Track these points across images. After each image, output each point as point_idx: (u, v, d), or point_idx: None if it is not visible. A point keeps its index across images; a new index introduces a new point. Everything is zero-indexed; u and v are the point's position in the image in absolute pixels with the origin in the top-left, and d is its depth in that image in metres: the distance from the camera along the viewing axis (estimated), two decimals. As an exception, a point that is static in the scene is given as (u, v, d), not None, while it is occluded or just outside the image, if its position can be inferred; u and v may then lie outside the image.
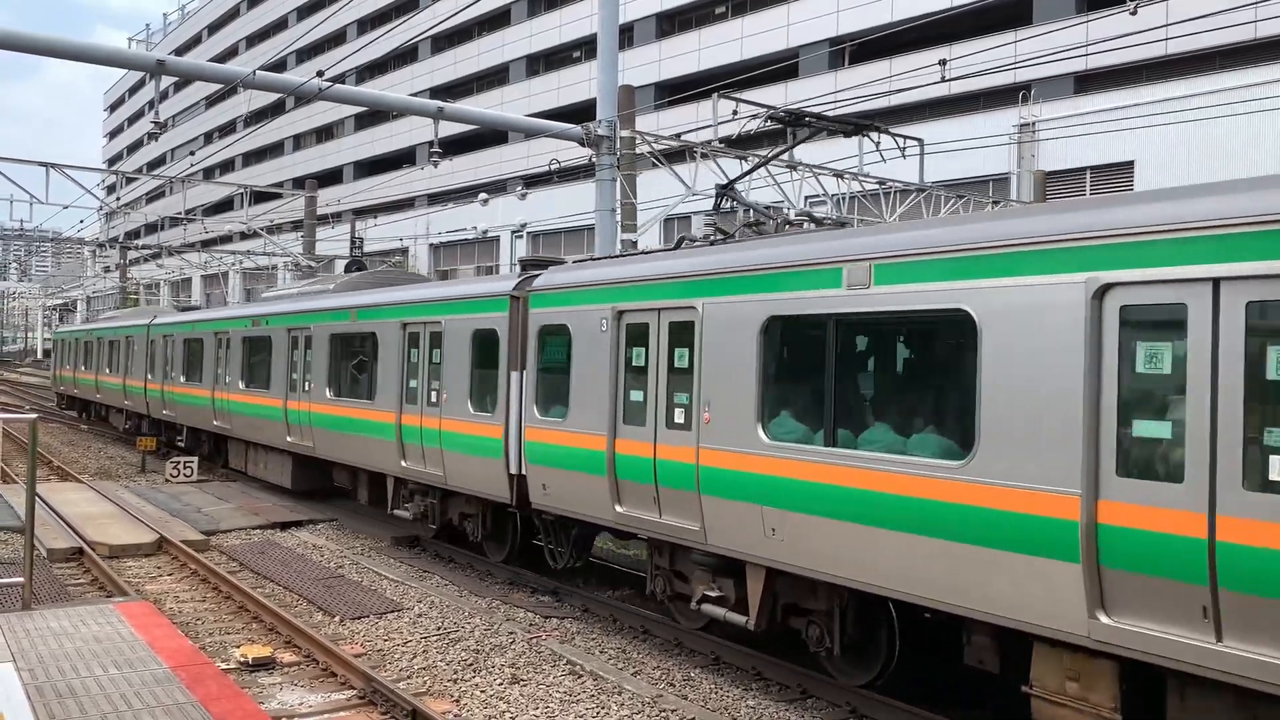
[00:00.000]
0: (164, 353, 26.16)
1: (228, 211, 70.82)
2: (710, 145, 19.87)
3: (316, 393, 17.74)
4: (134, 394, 28.62)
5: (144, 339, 27.80)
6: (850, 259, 8.20)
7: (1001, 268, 7.11)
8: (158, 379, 26.55)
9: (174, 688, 7.74)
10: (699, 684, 9.75)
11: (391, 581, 13.73)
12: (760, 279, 9.03)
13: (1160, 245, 6.28)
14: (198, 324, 24.18)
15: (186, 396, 24.35)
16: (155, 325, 27.31)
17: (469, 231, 46.18)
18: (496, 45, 57.51)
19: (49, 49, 15.69)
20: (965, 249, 7.37)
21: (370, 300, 16.45)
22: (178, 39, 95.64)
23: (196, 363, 23.86)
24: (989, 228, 7.36)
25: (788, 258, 8.81)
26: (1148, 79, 30.66)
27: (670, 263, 10.30)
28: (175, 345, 25.47)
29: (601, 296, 11.02)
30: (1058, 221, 6.92)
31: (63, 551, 14.80)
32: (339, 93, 18.41)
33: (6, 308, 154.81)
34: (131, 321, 30.36)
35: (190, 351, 24.41)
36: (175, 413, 25.40)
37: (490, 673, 9.88)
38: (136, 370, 28.39)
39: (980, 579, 7.10)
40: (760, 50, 42.14)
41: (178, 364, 25.14)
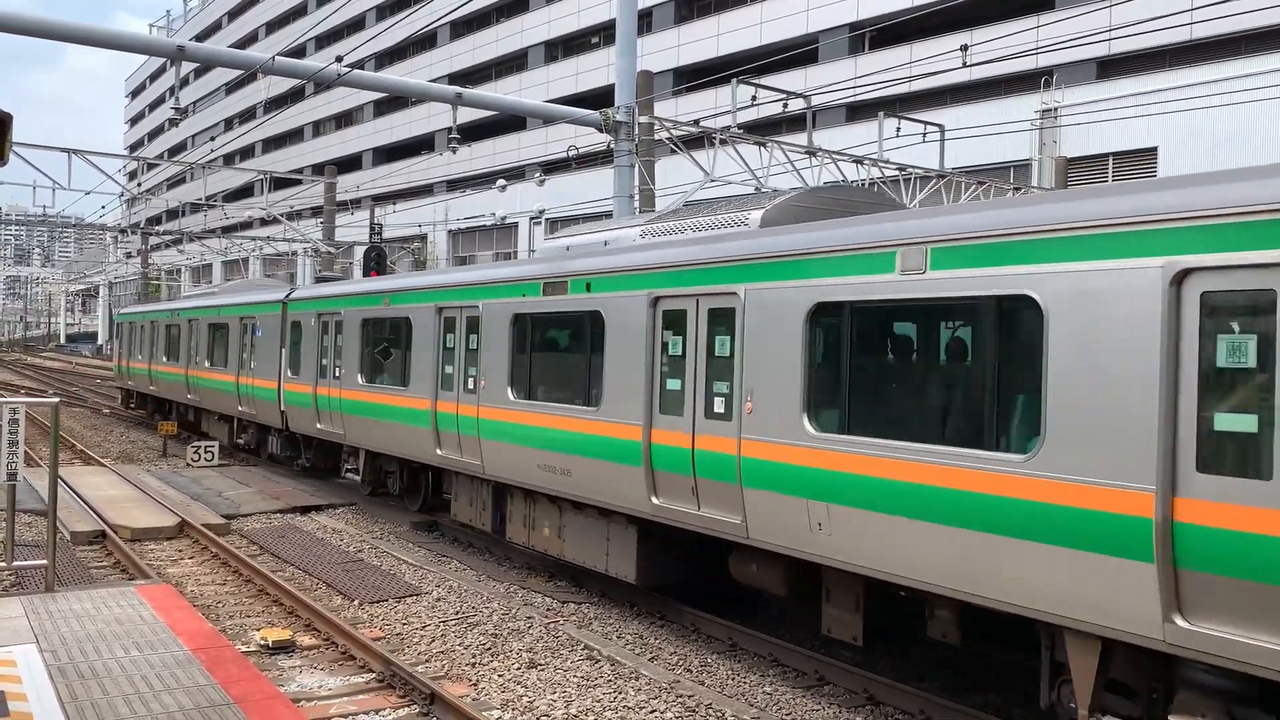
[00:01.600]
0: (319, 341, 18.67)
1: (248, 197, 71.09)
2: (729, 131, 19.79)
3: None
4: (258, 399, 21.56)
5: (277, 320, 20.64)
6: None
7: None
8: (305, 378, 19.13)
9: (194, 670, 7.81)
10: (716, 669, 9.77)
11: (410, 566, 13.80)
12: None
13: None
14: (408, 294, 15.69)
15: (377, 408, 16.32)
16: (299, 300, 20.03)
17: (487, 218, 46.21)
18: (515, 31, 57.41)
19: (72, 35, 15.76)
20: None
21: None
22: (198, 25, 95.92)
23: (395, 358, 16.09)
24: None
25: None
26: (1171, 64, 30.33)
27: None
28: (348, 330, 17.54)
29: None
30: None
31: (85, 534, 14.94)
32: (358, 78, 18.43)
33: (30, 293, 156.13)
34: (247, 297, 23.18)
35: (377, 340, 16.71)
36: (354, 431, 17.35)
37: (508, 657, 9.93)
38: (264, 365, 21.16)
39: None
40: (780, 35, 41.91)
41: (355, 359, 17.15)
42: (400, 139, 65.66)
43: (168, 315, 29.33)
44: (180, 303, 29.98)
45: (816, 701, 8.95)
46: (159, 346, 29.68)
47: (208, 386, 24.29)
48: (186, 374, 26.60)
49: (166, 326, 28.96)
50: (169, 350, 28.68)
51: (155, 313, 31.16)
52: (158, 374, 29.75)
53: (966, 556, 7.27)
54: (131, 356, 33.53)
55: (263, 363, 21.28)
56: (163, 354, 29.23)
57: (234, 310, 23.36)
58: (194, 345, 26.15)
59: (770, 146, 20.91)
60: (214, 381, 24.39)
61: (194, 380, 25.97)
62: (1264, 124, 25.98)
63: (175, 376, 27.74)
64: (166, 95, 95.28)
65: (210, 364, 24.67)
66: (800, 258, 8.81)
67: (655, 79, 22.45)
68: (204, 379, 24.77)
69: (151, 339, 30.67)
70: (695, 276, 9.93)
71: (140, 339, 32.28)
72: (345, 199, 44.38)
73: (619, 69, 18.75)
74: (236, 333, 22.85)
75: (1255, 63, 26.84)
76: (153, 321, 30.86)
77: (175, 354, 27.84)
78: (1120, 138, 29.57)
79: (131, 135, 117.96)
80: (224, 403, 23.75)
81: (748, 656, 10.19)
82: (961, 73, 24.82)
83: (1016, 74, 32.39)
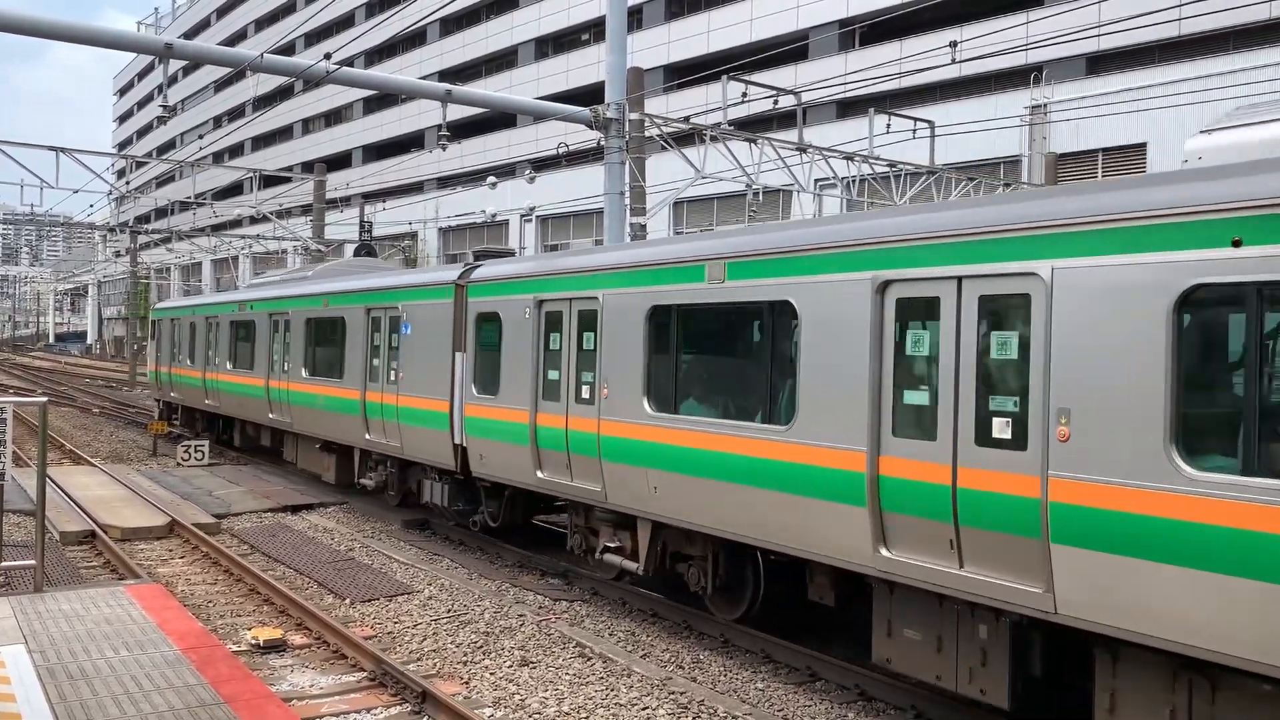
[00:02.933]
0: (540, 343, 12.31)
1: (237, 196, 70.79)
2: (720, 128, 19.77)
3: None
4: (409, 425, 14.99)
5: (445, 312, 14.17)
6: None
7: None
8: (511, 399, 12.69)
9: (185, 669, 7.78)
10: (708, 666, 9.77)
11: (401, 564, 13.77)
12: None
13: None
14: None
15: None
16: (491, 283, 13.49)
17: (478, 215, 46.14)
18: (505, 28, 57.30)
19: (60, 33, 15.67)
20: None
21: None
22: (186, 23, 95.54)
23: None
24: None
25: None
26: (1161, 60, 30.39)
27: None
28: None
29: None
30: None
31: (75, 534, 14.88)
32: (347, 76, 18.35)
33: (18, 292, 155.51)
34: (377, 280, 17.06)
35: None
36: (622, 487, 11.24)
37: (500, 655, 9.91)
38: (419, 376, 14.78)
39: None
40: (770, 32, 41.87)
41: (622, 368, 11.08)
42: (390, 136, 65.49)
43: (231, 309, 23.06)
44: (251, 291, 23.51)
45: (809, 698, 8.96)
46: (220, 349, 23.37)
47: (305, 404, 18.43)
48: (268, 386, 20.16)
49: (233, 323, 22.70)
50: (236, 354, 22.44)
51: (214, 306, 24.58)
52: (218, 385, 23.43)
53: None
54: (176, 361, 26.99)
55: (417, 373, 14.67)
56: (226, 359, 22.94)
57: (355, 299, 16.85)
58: (280, 348, 19.85)
59: (761, 143, 20.91)
60: (316, 398, 17.93)
61: (280, 395, 19.53)
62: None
63: (248, 390, 21.37)
64: (155, 93, 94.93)
65: (310, 374, 18.31)
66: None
67: (646, 76, 22.42)
68: (298, 393, 18.76)
69: (208, 340, 24.29)
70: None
71: (190, 340, 25.81)
72: (335, 197, 44.29)
73: (609, 66, 18.71)
74: (359, 330, 16.45)
75: (1244, 58, 26.92)
76: (208, 318, 24.47)
77: (246, 359, 21.57)
78: (1110, 133, 29.63)
79: (120, 133, 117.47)
80: (335, 427, 17.37)
81: (740, 653, 10.19)
82: (951, 69, 24.86)
83: (1006, 70, 32.40)
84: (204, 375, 24.53)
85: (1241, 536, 5.78)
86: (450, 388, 13.83)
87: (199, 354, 24.99)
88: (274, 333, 20.34)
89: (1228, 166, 6.42)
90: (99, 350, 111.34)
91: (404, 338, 15.09)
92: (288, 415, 19.41)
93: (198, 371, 24.99)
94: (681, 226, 40.51)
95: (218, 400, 23.74)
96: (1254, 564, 5.75)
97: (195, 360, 25.27)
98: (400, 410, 15.12)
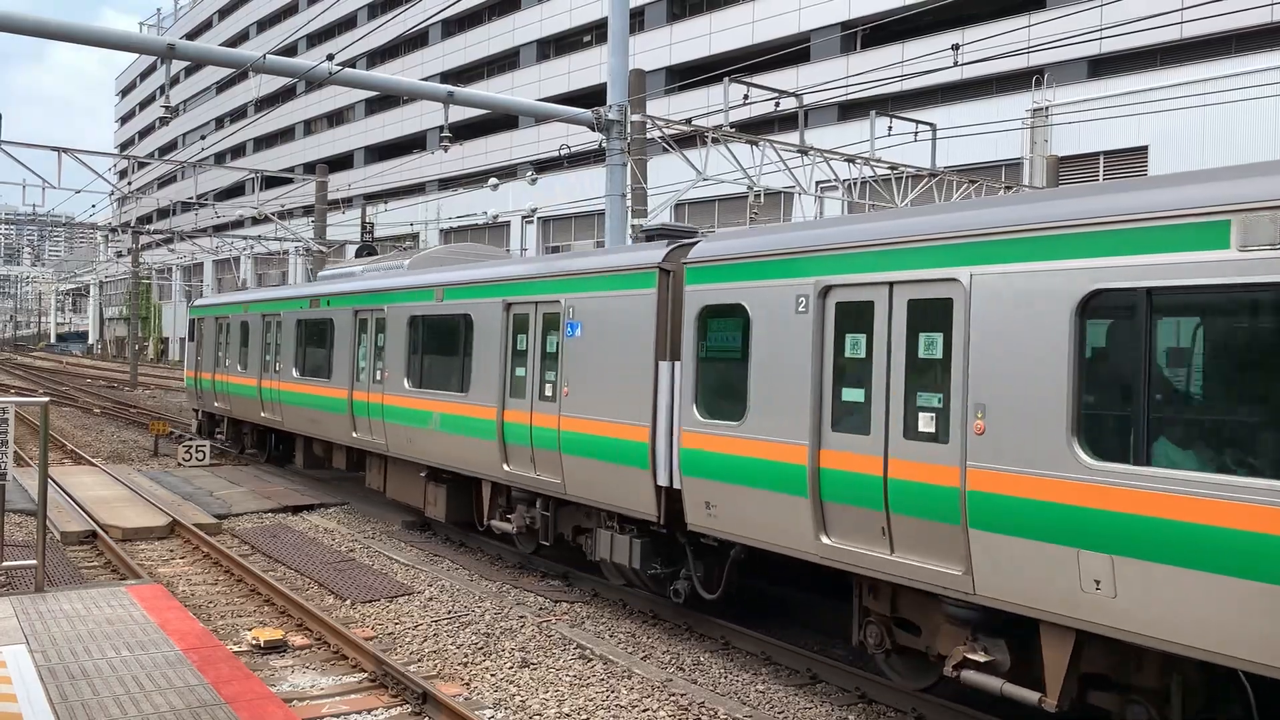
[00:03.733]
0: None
1: (239, 196, 70.88)
2: (721, 130, 19.79)
3: None
4: (575, 456, 11.57)
5: (647, 306, 10.69)
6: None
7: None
8: (775, 425, 9.20)
9: (185, 670, 7.79)
10: (708, 668, 9.78)
11: (402, 565, 13.78)
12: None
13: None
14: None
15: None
16: (726, 263, 9.96)
17: (479, 216, 46.16)
18: (507, 29, 57.37)
19: (63, 34, 15.69)
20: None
21: None
22: (189, 23, 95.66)
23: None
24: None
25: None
26: (1162, 63, 30.41)
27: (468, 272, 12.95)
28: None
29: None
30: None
31: (76, 534, 14.89)
32: (349, 77, 18.36)
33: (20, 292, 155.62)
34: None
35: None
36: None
37: (501, 656, 9.92)
38: (522, 387, 12.55)
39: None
40: (772, 34, 41.93)
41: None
42: (392, 138, 65.57)
43: (298, 306, 19.49)
44: (327, 285, 19.08)
45: (809, 700, 8.96)
46: (284, 353, 19.87)
47: (409, 423, 15.02)
48: (351, 400, 16.76)
49: (302, 323, 19.18)
50: (305, 360, 18.95)
51: (274, 302, 20.89)
52: (280, 396, 19.99)
53: (455, 449, 10.93)
54: (222, 366, 23.53)
55: (591, 388, 11.23)
56: (292, 365, 19.44)
57: (487, 292, 13.37)
58: (370, 353, 16.42)
59: (762, 145, 20.92)
60: (425, 417, 14.59)
61: (371, 411, 16.15)
62: (1253, 122, 26.07)
63: (322, 403, 17.93)
64: (157, 94, 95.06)
65: (415, 385, 14.99)
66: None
67: (647, 77, 22.44)
68: (397, 409, 15.36)
69: (266, 342, 20.91)
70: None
71: (241, 342, 22.29)
72: (337, 198, 44.30)
73: (611, 68, 18.72)
74: (494, 331, 13.07)
75: (1245, 61, 26.93)
76: (266, 315, 21.00)
77: (321, 366, 18.15)
78: (1111, 136, 29.64)
79: (122, 134, 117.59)
80: (456, 453, 13.86)
81: (740, 655, 10.20)
82: (953, 72, 24.88)
83: (1008, 73, 32.47)
84: (260, 383, 21.03)
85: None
86: (650, 409, 10.33)
87: (253, 358, 21.46)
88: (361, 334, 16.77)
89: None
90: (100, 350, 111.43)
91: (569, 342, 11.59)
92: (380, 436, 15.90)
93: (251, 379, 21.46)
94: (683, 228, 40.51)
95: (278, 414, 20.21)
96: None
97: (248, 366, 21.76)
98: (563, 437, 11.59)
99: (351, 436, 16.91)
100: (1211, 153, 26.71)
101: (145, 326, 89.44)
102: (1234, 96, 24.50)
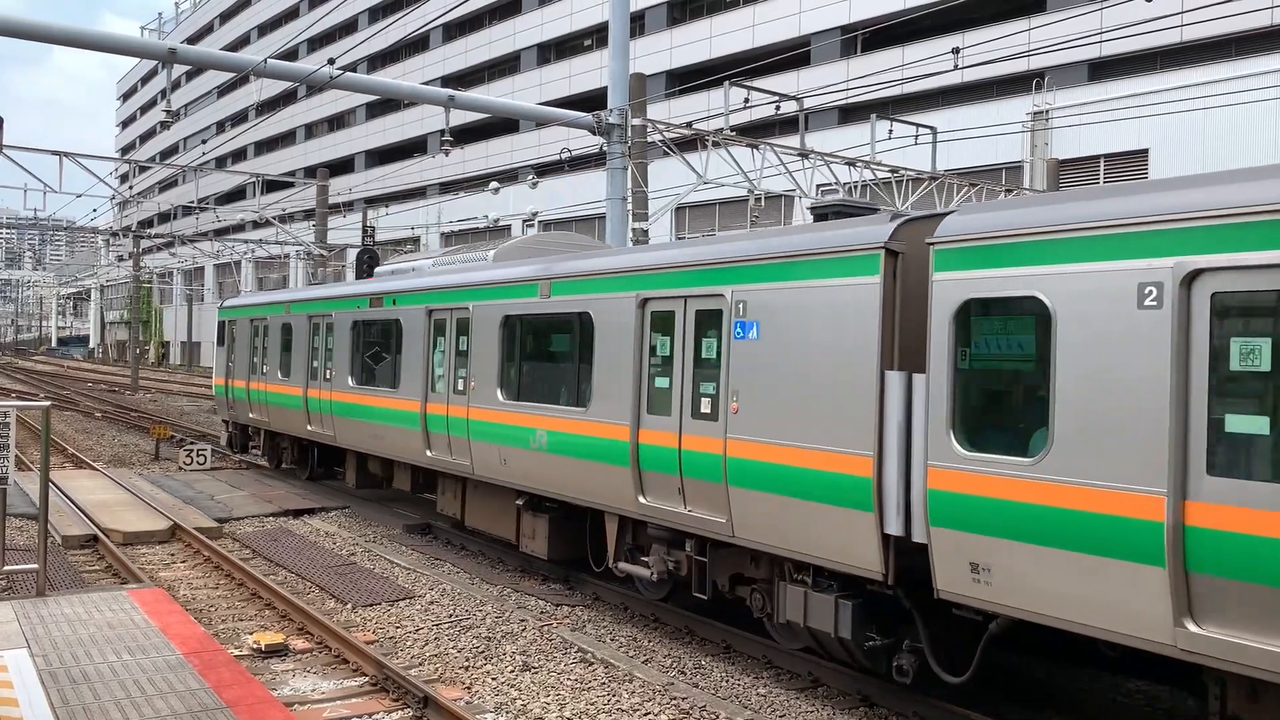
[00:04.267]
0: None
1: (240, 200, 70.99)
2: (722, 133, 19.81)
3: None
4: (655, 473, 10.40)
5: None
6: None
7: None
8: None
9: (187, 674, 7.79)
10: (710, 672, 9.77)
11: (403, 569, 13.78)
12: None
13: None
14: None
15: None
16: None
17: (480, 220, 46.22)
18: (508, 33, 57.46)
19: (65, 38, 15.73)
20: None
21: None
22: (190, 28, 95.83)
23: None
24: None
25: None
26: (1163, 66, 30.44)
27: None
28: None
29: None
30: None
31: (77, 538, 14.89)
32: (350, 81, 18.41)
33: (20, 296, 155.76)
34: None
35: None
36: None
37: (502, 660, 9.92)
38: (664, 402, 10.45)
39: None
40: (772, 38, 41.99)
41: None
42: (393, 141, 65.66)
43: (354, 305, 17.08)
44: (394, 281, 16.50)
45: (810, 703, 8.96)
46: (336, 360, 17.56)
47: (500, 442, 12.83)
48: (424, 414, 14.55)
49: (359, 325, 16.94)
50: (364, 367, 16.79)
51: (323, 301, 18.45)
52: (331, 407, 17.62)
53: (569, 475, 11.49)
54: (259, 374, 21.12)
55: (770, 407, 9.15)
56: (346, 373, 17.13)
57: (614, 286, 11.22)
58: (450, 359, 14.17)
59: (763, 149, 20.95)
60: (525, 436, 12.37)
61: (449, 427, 13.96)
62: (1255, 125, 26.09)
63: (387, 416, 15.69)
64: (158, 98, 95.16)
65: (511, 398, 12.80)
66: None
67: (648, 81, 22.47)
68: (485, 425, 13.18)
69: (312, 346, 18.58)
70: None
71: (283, 346, 19.96)
72: (338, 201, 44.36)
73: (612, 71, 18.76)
74: (626, 333, 10.89)
75: (1246, 64, 26.96)
76: (313, 316, 18.66)
77: (385, 374, 16.03)
78: (1112, 139, 29.68)
79: (123, 138, 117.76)
80: (566, 478, 11.69)
81: (742, 659, 10.19)
82: (953, 75, 24.89)
83: (1008, 76, 32.51)
84: (306, 393, 18.69)
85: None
86: (874, 434, 8.10)
87: (297, 365, 19.12)
88: (438, 337, 14.59)
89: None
90: (101, 354, 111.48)
91: (738, 345, 9.57)
92: (464, 456, 13.66)
93: (295, 388, 19.15)
94: (684, 231, 40.57)
95: (329, 427, 17.87)
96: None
97: (290, 373, 19.48)
98: (731, 465, 9.47)
99: (426, 455, 14.65)
100: (1213, 156, 26.73)
101: (146, 330, 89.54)
102: (1235, 100, 24.52)
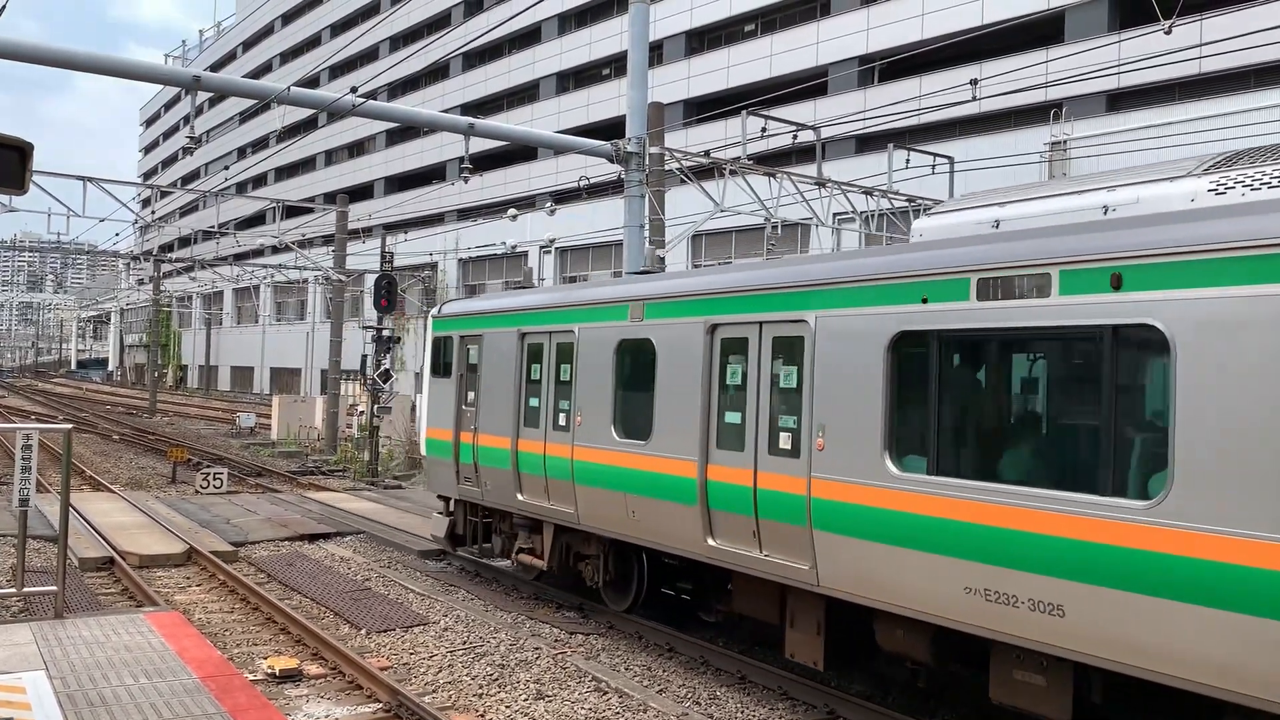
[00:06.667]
0: None
1: (259, 226, 71.56)
2: (739, 162, 19.89)
3: None
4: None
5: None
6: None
7: (671, 311, 10.80)
8: None
9: (203, 698, 7.80)
10: (724, 702, 9.71)
11: (418, 595, 13.77)
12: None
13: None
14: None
15: None
16: None
17: (498, 247, 46.42)
18: (527, 62, 57.89)
19: (92, 65, 15.96)
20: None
21: None
22: (212, 55, 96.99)
23: None
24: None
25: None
26: (1181, 97, 30.42)
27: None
28: None
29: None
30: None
31: (94, 561, 14.95)
32: (371, 109, 18.58)
33: (41, 319, 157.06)
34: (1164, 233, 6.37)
35: None
36: None
37: (515, 688, 9.88)
38: None
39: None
40: (789, 68, 42.16)
41: None
42: (412, 168, 66.09)
43: (771, 304, 9.35)
44: (764, 272, 9.81)
45: (826, 735, 8.88)
46: (704, 408, 9.98)
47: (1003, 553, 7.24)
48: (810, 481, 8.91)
49: (724, 343, 10.17)
50: (774, 422, 9.37)
51: (692, 303, 10.40)
52: (659, 486, 10.58)
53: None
54: (535, 424, 12.63)
55: None
56: (711, 431, 10.03)
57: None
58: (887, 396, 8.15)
59: (780, 177, 21.01)
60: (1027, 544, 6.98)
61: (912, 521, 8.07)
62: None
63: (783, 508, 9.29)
64: (181, 124, 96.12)
65: (990, 475, 7.41)
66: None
67: (666, 110, 22.61)
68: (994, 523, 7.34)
69: (618, 380, 11.31)
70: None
71: (552, 381, 12.37)
72: (356, 227, 44.65)
73: (630, 100, 18.88)
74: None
75: (1264, 96, 26.92)
76: (671, 321, 10.84)
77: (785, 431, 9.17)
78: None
79: (146, 163, 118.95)
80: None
81: (757, 690, 10.12)
82: (971, 105, 24.93)
83: (1026, 106, 32.51)
84: (703, 474, 10.08)
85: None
86: None
87: (593, 409, 11.62)
88: (900, 373, 8.16)
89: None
90: (120, 377, 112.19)
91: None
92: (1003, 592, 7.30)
93: (677, 461, 10.39)
94: (700, 259, 40.64)
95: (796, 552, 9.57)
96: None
97: (650, 431, 10.74)
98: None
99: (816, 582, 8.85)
100: (1231, 187, 26.62)
101: (164, 354, 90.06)
102: (1255, 131, 24.46)
